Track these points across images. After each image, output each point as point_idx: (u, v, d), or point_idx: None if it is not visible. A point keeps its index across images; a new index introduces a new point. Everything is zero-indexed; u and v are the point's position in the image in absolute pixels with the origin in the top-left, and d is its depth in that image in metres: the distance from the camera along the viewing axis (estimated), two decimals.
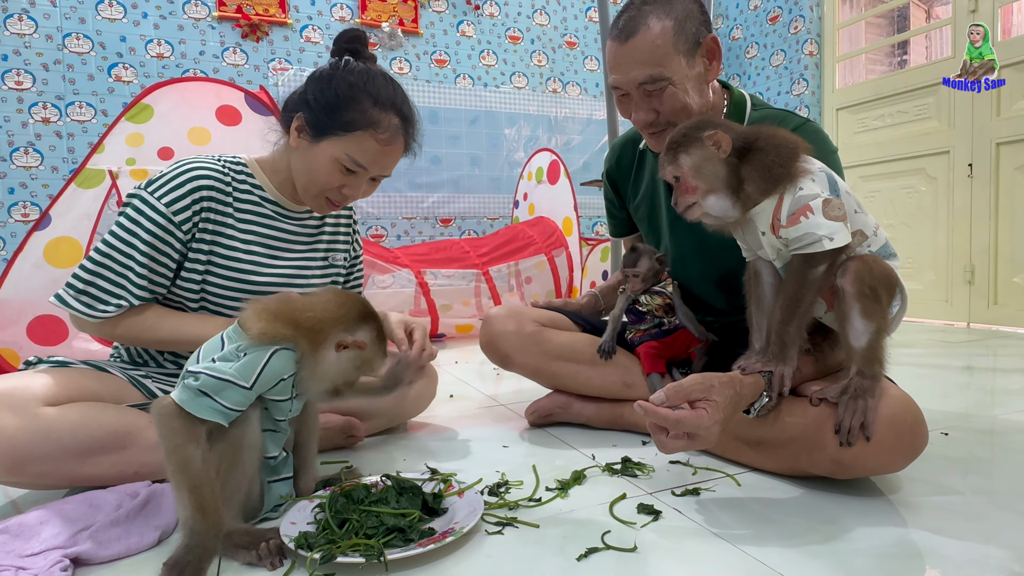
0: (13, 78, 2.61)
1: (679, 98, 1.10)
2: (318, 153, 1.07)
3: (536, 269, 3.13)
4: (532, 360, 1.28)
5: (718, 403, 0.85)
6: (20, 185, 2.63)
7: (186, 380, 0.78)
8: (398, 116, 1.08)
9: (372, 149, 1.07)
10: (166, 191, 1.03)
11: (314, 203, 1.13)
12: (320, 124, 1.06)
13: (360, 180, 1.10)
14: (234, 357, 0.80)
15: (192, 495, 0.74)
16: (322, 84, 1.07)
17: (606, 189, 1.46)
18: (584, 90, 3.86)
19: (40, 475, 0.91)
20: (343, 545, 0.74)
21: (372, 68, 1.11)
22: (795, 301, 0.91)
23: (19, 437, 0.87)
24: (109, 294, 1.02)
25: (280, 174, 1.15)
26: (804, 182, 0.90)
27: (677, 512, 0.88)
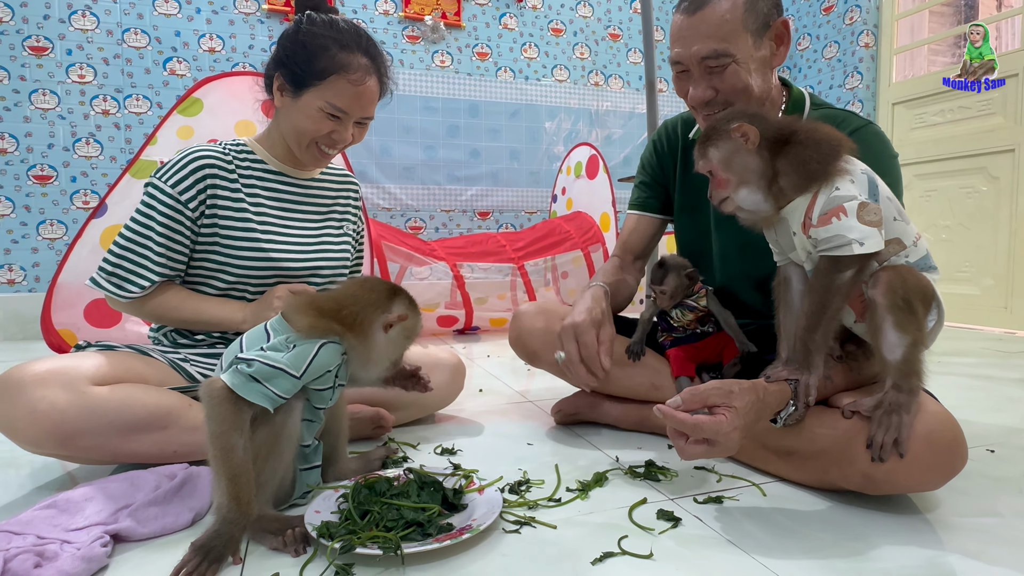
0: (76, 72, 2.75)
1: (741, 77, 1.06)
2: (301, 106, 1.14)
3: (573, 264, 3.12)
4: None
5: (738, 409, 0.83)
6: (82, 174, 2.78)
7: (238, 366, 0.81)
8: (365, 55, 1.15)
9: (348, 91, 1.13)
10: (172, 175, 1.13)
11: (307, 156, 1.20)
12: (296, 78, 1.13)
13: (346, 124, 1.17)
14: (284, 348, 0.84)
15: (230, 484, 0.77)
16: (291, 40, 1.15)
17: (649, 156, 1.38)
18: (627, 83, 3.80)
19: (88, 449, 0.96)
20: (363, 536, 0.76)
21: (334, 17, 1.17)
22: (820, 307, 0.88)
23: (69, 412, 0.92)
24: (133, 275, 1.11)
25: (277, 144, 1.22)
26: (842, 182, 0.87)
27: (697, 520, 0.87)
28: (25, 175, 2.71)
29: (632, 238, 1.38)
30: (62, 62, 2.73)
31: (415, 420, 1.36)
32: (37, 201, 2.73)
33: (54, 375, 0.94)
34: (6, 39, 2.65)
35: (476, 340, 2.62)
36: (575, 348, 1.10)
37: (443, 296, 3.16)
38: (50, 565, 0.70)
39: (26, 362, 0.95)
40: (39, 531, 0.78)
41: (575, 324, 1.11)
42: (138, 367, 1.06)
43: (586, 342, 1.09)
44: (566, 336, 1.10)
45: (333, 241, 1.26)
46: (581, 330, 1.10)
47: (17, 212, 2.70)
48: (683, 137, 1.32)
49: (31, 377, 0.92)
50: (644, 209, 1.38)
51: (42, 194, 2.73)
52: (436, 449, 1.18)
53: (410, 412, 1.33)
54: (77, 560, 0.72)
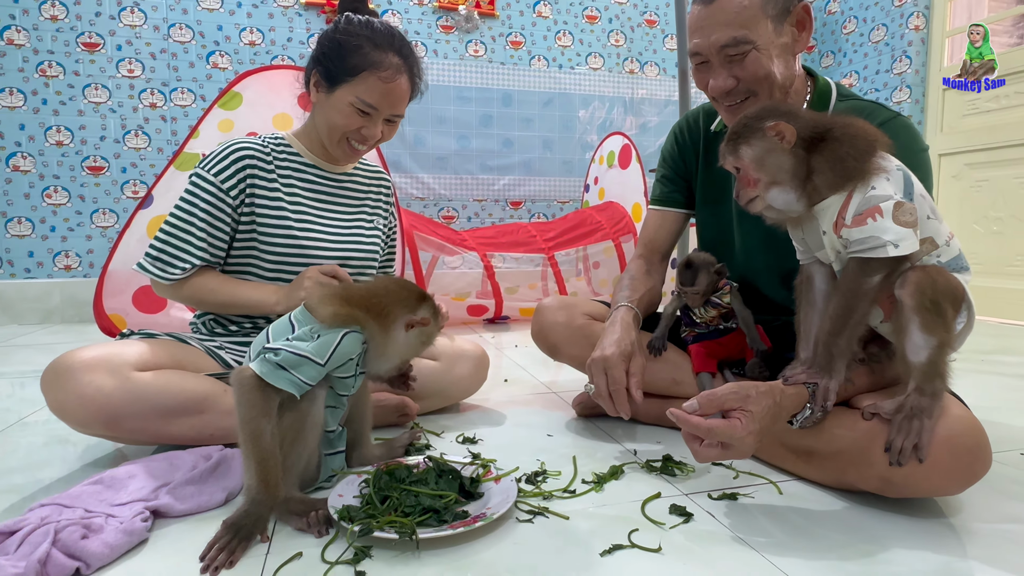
0: (126, 67, 2.86)
1: (762, 64, 1.04)
2: (335, 101, 1.19)
3: (604, 255, 3.11)
4: (580, 352, 1.29)
5: (754, 413, 0.83)
6: (131, 165, 2.90)
7: (266, 355, 0.86)
8: (397, 55, 1.19)
9: (378, 88, 1.18)
10: (214, 165, 1.19)
11: (338, 151, 1.25)
12: (331, 75, 1.19)
13: (375, 121, 1.22)
14: (308, 337, 0.88)
15: (259, 467, 0.82)
16: (328, 39, 1.21)
17: (671, 148, 1.36)
18: (663, 70, 3.74)
19: (132, 431, 1.03)
20: (381, 521, 0.79)
21: (370, 19, 1.23)
22: (847, 311, 0.87)
23: (115, 396, 0.99)
24: (176, 258, 1.17)
25: (313, 139, 1.28)
26: (878, 181, 0.84)
27: (709, 516, 0.88)
28: (80, 166, 2.85)
29: (658, 236, 1.37)
30: (112, 57, 2.85)
31: (439, 409, 1.39)
32: (91, 191, 2.87)
33: (100, 361, 1.00)
34: (61, 36, 2.78)
35: (506, 329, 2.65)
36: (604, 382, 1.09)
37: (474, 286, 3.19)
38: (95, 537, 0.76)
39: (75, 349, 1.02)
40: (87, 505, 0.84)
41: (604, 358, 1.09)
42: (177, 354, 1.12)
43: (615, 377, 1.08)
44: (595, 369, 1.09)
45: (364, 233, 1.31)
46: (610, 364, 1.08)
47: (72, 201, 2.85)
48: (705, 129, 1.30)
49: (80, 363, 0.99)
50: (668, 204, 1.37)
51: (95, 184, 2.87)
52: (458, 438, 1.21)
53: (434, 401, 1.36)
54: (120, 533, 0.78)
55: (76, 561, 0.72)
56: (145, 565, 0.76)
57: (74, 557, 0.73)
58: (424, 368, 1.31)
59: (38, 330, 2.64)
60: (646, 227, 1.38)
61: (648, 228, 1.38)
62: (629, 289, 1.27)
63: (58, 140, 2.81)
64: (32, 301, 2.80)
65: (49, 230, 2.83)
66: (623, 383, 1.08)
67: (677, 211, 1.36)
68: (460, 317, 2.74)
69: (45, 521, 0.77)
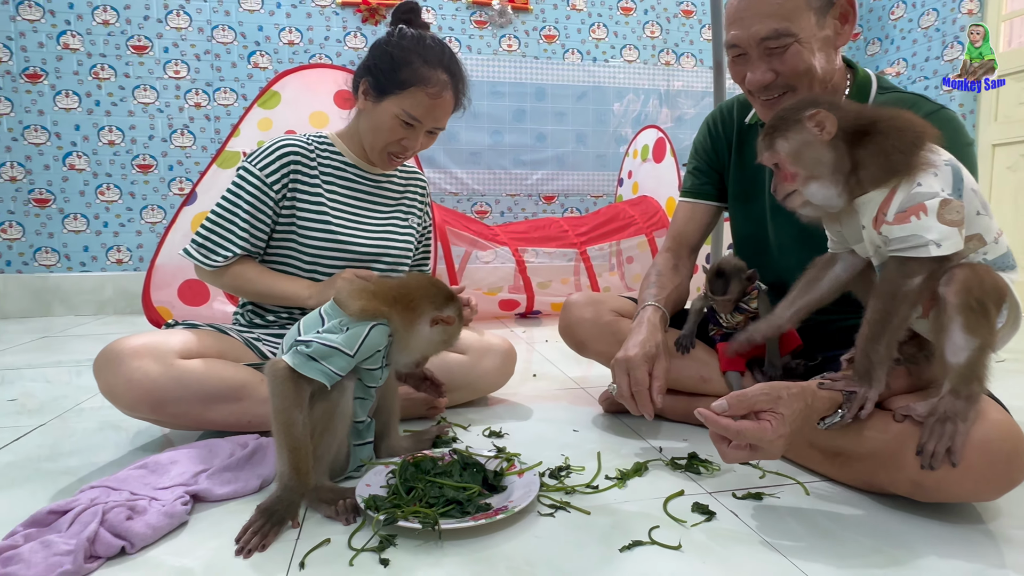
0: (172, 68, 2.97)
1: (803, 58, 1.01)
2: (380, 111, 1.24)
3: (638, 249, 3.08)
4: (607, 348, 1.29)
5: (785, 416, 0.82)
6: (177, 163, 3.02)
7: (298, 347, 0.90)
8: (446, 72, 1.23)
9: (424, 103, 1.22)
10: (261, 160, 1.25)
11: (379, 159, 1.30)
12: (380, 85, 1.23)
13: (417, 133, 1.26)
14: (338, 330, 0.91)
15: (291, 455, 0.86)
16: (380, 51, 1.25)
17: (703, 140, 1.34)
18: (700, 61, 3.67)
19: (176, 416, 1.08)
20: (405, 511, 0.82)
21: (424, 33, 1.26)
22: (886, 314, 0.84)
23: (160, 382, 1.04)
24: (219, 246, 1.22)
25: (355, 142, 1.33)
26: (924, 176, 0.81)
27: (732, 515, 0.87)
28: (130, 164, 2.97)
29: (687, 229, 1.35)
30: (160, 59, 2.96)
31: (467, 402, 1.42)
32: (140, 188, 2.99)
33: (147, 349, 1.06)
34: (112, 39, 2.90)
35: (537, 324, 2.66)
36: (626, 383, 1.09)
37: (506, 280, 3.21)
38: (139, 519, 0.81)
39: (124, 337, 1.07)
40: (132, 488, 0.89)
41: (628, 358, 1.09)
42: (217, 344, 1.17)
43: (637, 378, 1.08)
44: (618, 370, 1.10)
45: (398, 230, 1.35)
46: (632, 365, 1.08)
47: (123, 198, 2.98)
48: (739, 121, 1.28)
49: (128, 350, 1.05)
50: (699, 197, 1.35)
51: (144, 182, 3.00)
52: (484, 431, 1.23)
53: (462, 394, 1.39)
54: (162, 515, 0.82)
55: (122, 540, 0.77)
56: (185, 545, 0.80)
57: (120, 536, 0.77)
58: (452, 361, 1.34)
59: (92, 321, 2.77)
60: (675, 220, 1.37)
61: (677, 221, 1.36)
62: (656, 287, 1.26)
63: (110, 140, 2.94)
64: (87, 293, 2.95)
65: (102, 226, 2.97)
66: (645, 384, 1.08)
67: (708, 204, 1.34)
68: (492, 311, 2.76)
69: (94, 502, 0.82)
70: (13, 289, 2.88)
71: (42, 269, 2.93)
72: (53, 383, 1.67)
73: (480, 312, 2.68)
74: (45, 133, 2.87)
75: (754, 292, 1.18)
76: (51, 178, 2.90)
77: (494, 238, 2.76)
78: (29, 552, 0.72)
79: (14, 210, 2.87)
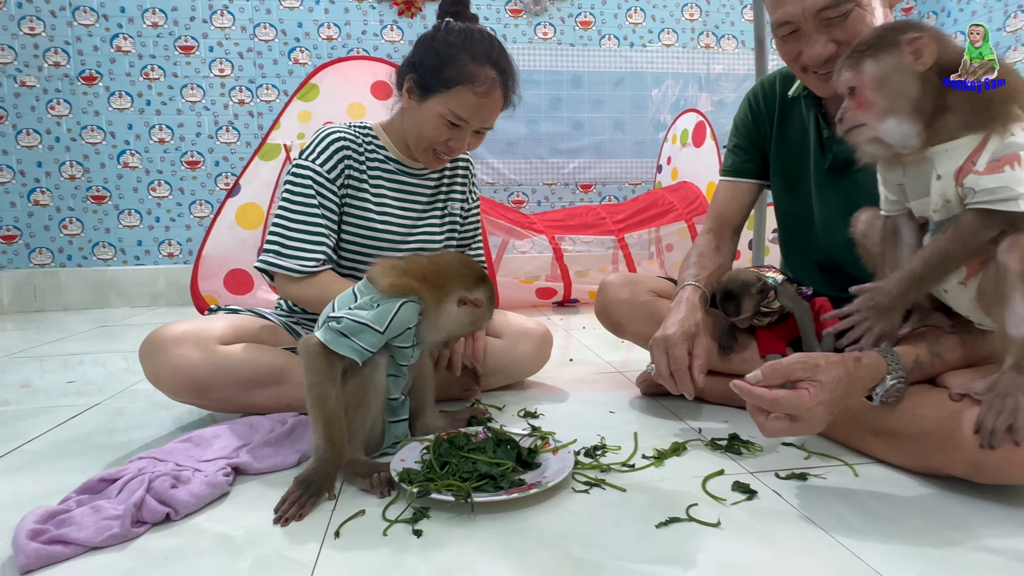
0: (217, 66, 3.06)
1: (866, 22, 0.96)
2: (425, 110, 1.18)
3: (677, 236, 3.02)
4: (645, 329, 1.26)
5: (823, 383, 0.78)
6: (223, 159, 3.11)
7: (329, 323, 0.91)
8: (494, 69, 1.16)
9: (471, 102, 1.15)
10: (318, 155, 1.20)
11: (424, 157, 1.25)
12: (425, 83, 1.17)
13: (464, 133, 1.19)
14: (369, 306, 0.92)
15: (325, 427, 0.87)
16: (425, 46, 1.18)
17: (744, 116, 1.29)
18: (741, 43, 3.56)
19: (218, 400, 1.12)
20: (439, 484, 0.82)
21: (471, 26, 1.19)
22: (947, 258, 0.79)
23: (201, 368, 1.07)
24: (303, 250, 1.16)
25: (399, 135, 1.27)
26: (1017, 128, 0.75)
27: (775, 494, 0.84)
28: (179, 161, 3.08)
29: (728, 209, 1.31)
30: (205, 58, 3.05)
31: (503, 386, 1.41)
32: (189, 184, 3.10)
33: (189, 336, 1.09)
34: (161, 41, 3.01)
35: (575, 312, 2.64)
36: (665, 362, 1.06)
37: (543, 269, 3.20)
38: (184, 488, 0.83)
39: (166, 324, 1.11)
40: (177, 459, 0.92)
41: (666, 337, 1.06)
42: (257, 329, 1.20)
43: (676, 356, 1.05)
44: (656, 349, 1.07)
45: (436, 225, 1.32)
46: (671, 344, 1.05)
47: (173, 194, 3.10)
48: (781, 94, 1.23)
49: (171, 337, 1.08)
50: (740, 175, 1.31)
51: (192, 177, 3.10)
52: (519, 412, 1.22)
53: (497, 379, 1.38)
54: (204, 485, 0.85)
55: (166, 507, 0.80)
56: (226, 514, 0.82)
57: (165, 503, 0.80)
58: (487, 346, 1.33)
59: (146, 312, 2.89)
60: (716, 200, 1.33)
61: (718, 201, 1.32)
62: (696, 267, 1.22)
63: (160, 138, 3.05)
64: (142, 286, 3.08)
65: (154, 221, 3.09)
66: (685, 363, 1.05)
67: (749, 182, 1.30)
68: (529, 300, 2.75)
69: (142, 472, 0.85)
70: (74, 282, 3.03)
71: (100, 263, 3.07)
72: (108, 368, 1.75)
73: (517, 301, 2.67)
74: (101, 133, 3.01)
75: (772, 295, 1.14)
76: (107, 176, 3.03)
77: (531, 226, 2.74)
78: (80, 516, 0.75)
79: (74, 207, 3.02)
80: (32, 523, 0.73)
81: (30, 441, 1.13)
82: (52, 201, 3.00)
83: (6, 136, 2.93)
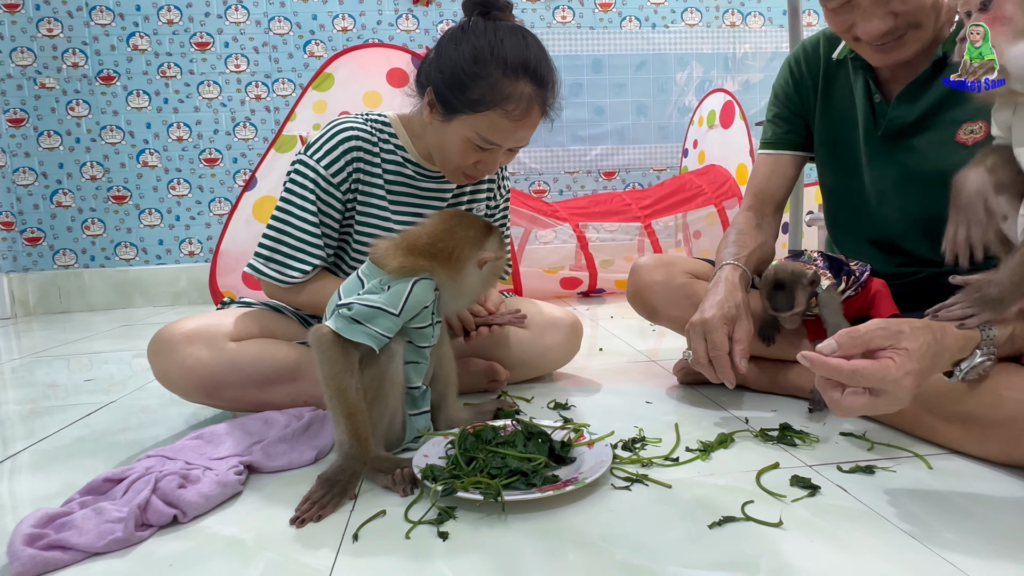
0: (233, 62, 3.03)
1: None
2: (449, 132, 1.03)
3: (706, 222, 2.91)
4: (682, 313, 1.17)
5: (910, 350, 0.67)
6: (241, 155, 3.09)
7: (340, 311, 0.84)
8: (531, 82, 0.99)
9: (504, 127, 1.00)
10: (323, 155, 1.08)
11: (451, 176, 1.12)
12: (448, 103, 1.01)
13: (495, 155, 1.06)
14: (379, 289, 0.86)
15: (348, 421, 0.80)
16: (448, 57, 1.01)
17: (784, 83, 1.19)
18: (768, 20, 3.42)
19: (231, 400, 1.06)
20: (466, 482, 0.75)
21: (501, 26, 1.00)
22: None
23: (212, 366, 1.02)
24: (293, 259, 1.08)
25: (421, 138, 1.13)
26: None
27: (840, 490, 0.75)
28: (198, 159, 3.06)
29: (770, 183, 1.21)
30: (221, 54, 3.02)
31: (532, 378, 1.33)
32: (208, 181, 3.08)
33: (198, 333, 1.04)
34: (177, 38, 2.99)
35: (601, 302, 2.55)
36: (703, 348, 0.97)
37: (568, 259, 3.11)
38: (192, 487, 0.77)
39: (175, 321, 1.06)
40: (187, 457, 0.86)
41: (704, 321, 0.97)
42: (270, 323, 1.14)
43: (715, 341, 0.96)
44: (694, 333, 0.99)
45: None
46: (710, 328, 0.96)
47: (193, 192, 3.08)
48: (825, 57, 1.13)
49: (180, 335, 1.03)
50: (781, 147, 1.21)
51: (211, 175, 3.08)
52: (549, 404, 1.15)
53: (524, 371, 1.30)
54: (214, 485, 0.79)
55: (173, 509, 0.74)
56: (237, 515, 0.76)
57: (172, 505, 0.74)
58: (512, 337, 1.26)
59: (168, 311, 2.88)
60: (755, 175, 1.23)
61: (758, 176, 1.23)
62: (736, 245, 1.13)
63: (178, 136, 3.04)
64: (164, 285, 3.07)
65: (175, 219, 3.08)
66: (725, 348, 0.96)
67: (792, 154, 1.20)
68: (553, 290, 2.67)
69: (149, 471, 0.80)
70: (98, 283, 3.03)
71: (122, 263, 3.07)
72: (127, 365, 1.71)
73: (541, 291, 2.59)
74: (120, 132, 3.00)
75: (813, 301, 1.03)
76: (127, 175, 3.03)
77: (554, 214, 2.66)
78: (82, 519, 0.70)
79: (95, 207, 3.02)
80: (29, 527, 0.67)
81: (41, 440, 1.09)
82: (74, 202, 3.00)
83: (28, 139, 2.94)
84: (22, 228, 2.98)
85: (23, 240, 2.99)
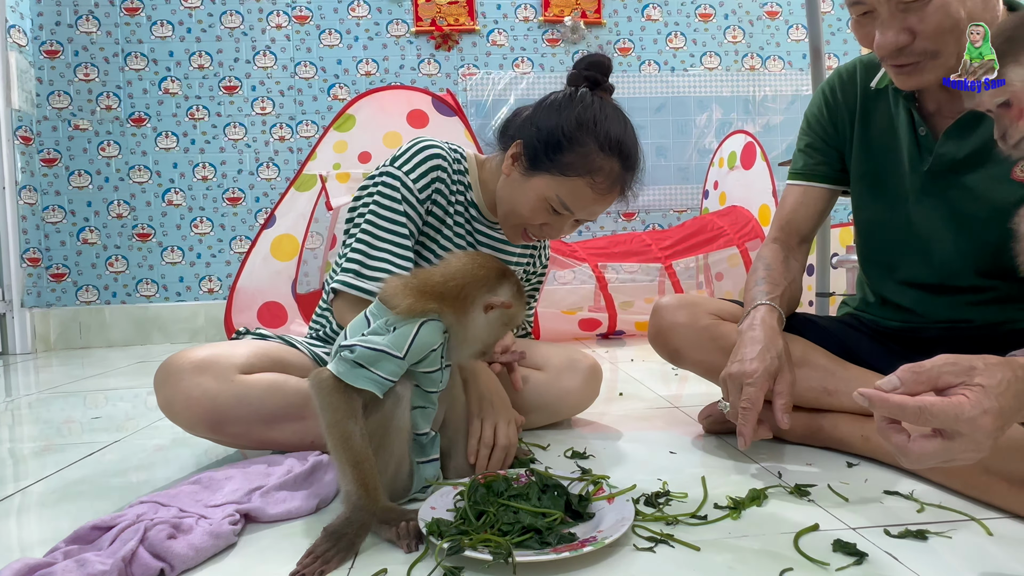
0: (259, 105, 3.11)
1: (949, 13, 0.81)
2: (528, 188, 1.04)
3: (728, 263, 2.85)
4: (707, 357, 1.11)
5: (985, 387, 0.59)
6: (263, 195, 3.13)
7: (342, 353, 0.80)
8: (621, 162, 1.02)
9: (586, 196, 1.02)
10: (412, 166, 1.07)
11: (510, 232, 1.12)
12: (537, 159, 1.02)
13: (564, 221, 1.06)
14: (384, 331, 0.82)
15: (355, 470, 0.75)
16: (550, 117, 1.02)
17: (818, 111, 1.14)
18: (788, 64, 3.43)
19: (236, 436, 1.02)
20: (474, 539, 0.69)
21: (607, 104, 1.04)
22: None
23: (219, 399, 0.98)
24: (388, 269, 1.04)
25: (488, 186, 1.14)
26: None
27: (890, 557, 0.68)
28: (221, 198, 3.12)
29: (797, 215, 1.16)
30: (248, 97, 3.11)
31: (549, 424, 1.27)
32: (230, 220, 3.12)
33: (207, 364, 1.00)
34: (206, 82, 3.08)
35: (620, 345, 2.49)
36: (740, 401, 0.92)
37: (586, 300, 3.06)
38: (183, 538, 0.72)
39: (184, 350, 1.03)
40: (182, 504, 0.81)
41: (744, 373, 0.92)
42: (283, 357, 1.10)
43: (749, 395, 0.90)
44: (732, 385, 0.93)
45: None
46: (751, 382, 0.91)
47: (215, 230, 3.12)
48: (863, 85, 1.08)
49: (188, 365, 1.00)
50: (812, 179, 1.15)
51: (233, 214, 3.12)
52: (566, 452, 1.09)
53: (539, 416, 1.24)
54: (207, 536, 0.74)
55: (161, 562, 0.69)
56: (230, 570, 0.71)
57: (160, 557, 0.69)
58: (527, 379, 1.21)
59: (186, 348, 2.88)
60: (783, 206, 1.18)
61: (786, 207, 1.17)
62: (767, 283, 1.07)
63: (203, 176, 3.10)
64: (182, 322, 3.08)
65: (196, 257, 3.11)
66: (758, 407, 0.90)
67: (823, 187, 1.15)
68: (571, 332, 2.61)
69: (140, 518, 0.75)
70: (118, 319, 3.05)
71: (143, 300, 3.09)
72: (138, 403, 1.69)
73: (559, 333, 2.54)
74: (147, 172, 3.07)
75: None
76: (152, 213, 3.08)
77: (572, 254, 2.63)
78: (62, 571, 0.65)
79: (120, 244, 3.07)
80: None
81: (37, 482, 1.05)
82: (100, 239, 3.06)
83: (59, 177, 3.02)
84: (48, 264, 3.03)
85: (48, 276, 3.03)
